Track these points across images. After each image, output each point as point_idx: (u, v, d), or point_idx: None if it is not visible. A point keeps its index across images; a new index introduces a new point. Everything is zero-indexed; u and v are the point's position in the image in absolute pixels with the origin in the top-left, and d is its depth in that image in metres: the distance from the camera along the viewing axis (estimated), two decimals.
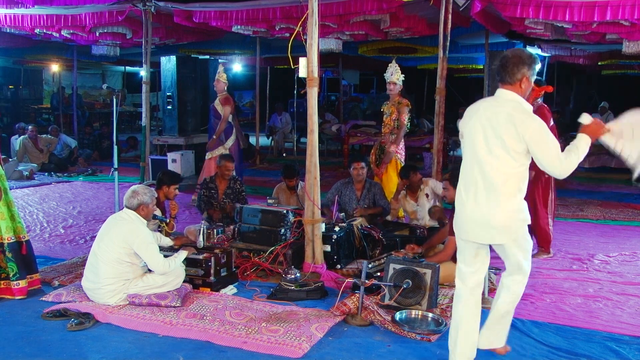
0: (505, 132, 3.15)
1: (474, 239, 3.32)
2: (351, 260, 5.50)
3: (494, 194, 3.20)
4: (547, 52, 13.03)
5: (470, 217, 3.28)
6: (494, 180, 3.19)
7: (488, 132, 3.21)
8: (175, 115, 10.69)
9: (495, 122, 3.18)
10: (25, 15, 9.41)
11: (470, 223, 3.30)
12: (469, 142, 3.32)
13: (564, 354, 3.69)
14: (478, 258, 3.40)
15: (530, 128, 3.12)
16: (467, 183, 3.31)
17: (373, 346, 3.76)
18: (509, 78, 3.24)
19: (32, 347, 3.69)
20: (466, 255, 3.42)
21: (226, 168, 6.55)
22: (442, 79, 7.29)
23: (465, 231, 3.34)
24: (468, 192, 3.30)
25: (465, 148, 3.36)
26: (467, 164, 3.33)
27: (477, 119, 3.27)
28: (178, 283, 4.47)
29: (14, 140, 12.04)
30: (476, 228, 3.28)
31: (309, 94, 5.13)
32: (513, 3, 7.09)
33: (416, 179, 6.36)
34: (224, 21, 8.92)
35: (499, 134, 3.17)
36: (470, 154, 3.30)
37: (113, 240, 4.29)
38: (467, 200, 3.30)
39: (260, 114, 13.32)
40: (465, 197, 3.31)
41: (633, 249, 6.24)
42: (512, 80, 3.23)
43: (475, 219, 3.26)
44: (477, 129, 3.25)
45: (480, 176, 3.23)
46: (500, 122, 3.17)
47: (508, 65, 3.23)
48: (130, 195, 4.47)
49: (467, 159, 3.34)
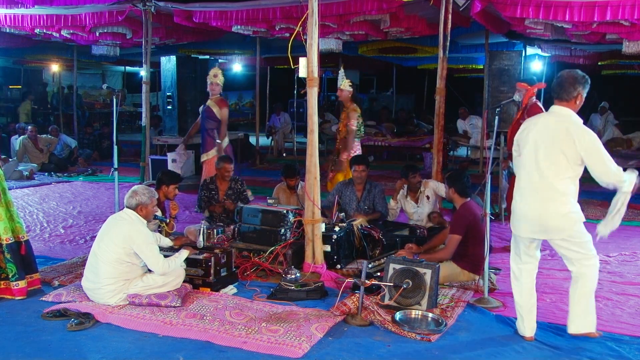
0: (564, 144, 3.62)
1: (532, 235, 3.82)
2: (351, 260, 5.50)
3: (551, 196, 3.68)
4: (547, 52, 13.04)
5: (529, 217, 3.77)
6: (552, 185, 3.67)
7: (548, 144, 3.68)
8: (175, 115, 10.69)
9: (555, 135, 3.66)
10: (25, 15, 9.42)
11: (528, 222, 3.78)
12: (530, 152, 3.77)
13: (564, 354, 3.69)
14: (531, 251, 3.92)
15: (586, 141, 3.59)
16: (528, 187, 3.79)
17: (373, 346, 3.76)
18: (566, 95, 3.72)
19: (32, 347, 3.69)
20: (521, 248, 3.93)
21: (225, 170, 6.54)
22: (442, 79, 7.29)
23: (524, 229, 3.83)
24: (528, 195, 3.78)
25: (526, 157, 3.81)
26: (527, 170, 3.80)
27: (537, 132, 3.76)
28: (178, 283, 4.47)
29: (14, 140, 12.04)
30: (534, 226, 3.77)
31: (309, 94, 5.13)
32: (513, 3, 7.09)
33: (415, 180, 6.34)
34: (224, 21, 8.93)
35: (558, 145, 3.64)
36: (531, 162, 3.76)
37: (113, 240, 4.29)
38: (527, 202, 3.78)
39: (260, 114, 13.32)
40: (525, 199, 3.80)
41: (633, 249, 6.25)
42: (569, 97, 3.72)
43: (533, 219, 3.75)
44: (537, 141, 3.73)
45: (539, 181, 3.72)
46: (560, 135, 3.64)
47: (565, 84, 3.72)
48: (130, 195, 4.48)
49: (526, 166, 3.81)
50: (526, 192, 3.81)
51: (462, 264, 4.92)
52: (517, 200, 3.89)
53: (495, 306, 4.46)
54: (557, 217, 3.69)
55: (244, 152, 13.00)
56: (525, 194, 3.82)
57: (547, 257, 5.95)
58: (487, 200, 4.57)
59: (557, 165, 3.66)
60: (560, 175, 3.66)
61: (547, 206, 3.70)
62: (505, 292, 4.85)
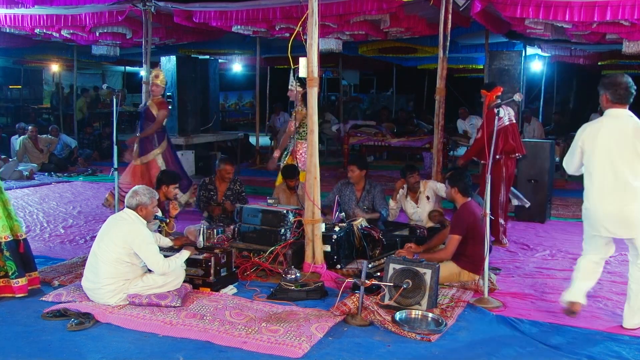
0: (635, 141, 3.90)
1: (610, 234, 4.04)
2: (351, 260, 5.50)
3: (629, 194, 3.90)
4: (547, 52, 13.04)
5: (606, 215, 3.97)
6: (628, 182, 3.90)
7: (620, 144, 3.94)
8: (175, 115, 10.69)
9: (624, 135, 3.94)
10: (25, 15, 9.41)
11: (605, 220, 3.99)
12: (602, 153, 3.99)
13: (564, 354, 3.69)
14: (606, 247, 4.18)
15: None
16: (603, 186, 3.99)
17: (373, 346, 3.76)
18: (625, 100, 4.02)
19: (32, 347, 3.69)
20: (598, 245, 4.16)
21: (226, 171, 6.53)
22: (442, 79, 7.28)
23: (601, 228, 4.03)
24: (604, 194, 3.98)
25: (596, 158, 4.01)
26: (600, 170, 3.99)
27: (604, 134, 4.00)
28: (178, 283, 4.47)
29: (14, 140, 12.04)
30: (612, 225, 3.98)
31: (309, 94, 5.14)
32: (513, 3, 7.08)
33: (413, 180, 6.35)
34: (224, 21, 8.92)
35: (629, 144, 3.91)
36: (604, 162, 3.98)
37: (113, 240, 4.29)
38: (605, 202, 3.98)
39: (260, 114, 13.32)
40: (600, 198, 4.00)
41: None
42: (627, 101, 4.03)
43: (611, 217, 3.96)
44: (608, 142, 3.97)
45: (614, 180, 3.93)
46: (629, 134, 3.92)
47: (630, 89, 4.01)
48: (130, 195, 4.48)
49: (598, 167, 4.01)
50: (604, 191, 3.99)
51: (462, 264, 4.92)
52: (591, 201, 4.06)
53: (495, 306, 4.46)
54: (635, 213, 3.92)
55: (244, 152, 13.02)
56: (603, 192, 3.99)
57: (547, 257, 5.96)
58: (487, 200, 4.58)
59: (630, 163, 3.92)
60: (634, 172, 3.91)
61: (625, 203, 3.92)
62: (505, 292, 4.86)
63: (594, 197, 4.04)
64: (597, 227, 4.06)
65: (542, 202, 7.48)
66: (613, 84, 4.03)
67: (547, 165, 7.43)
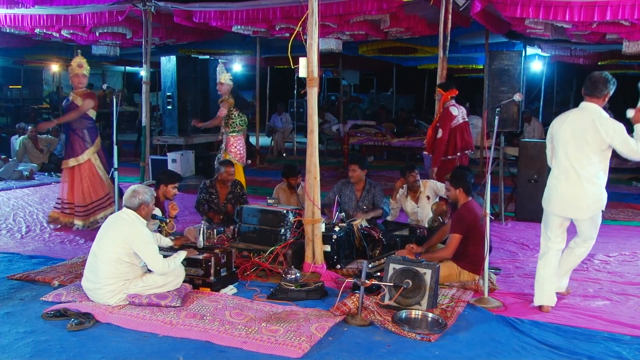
0: (591, 133, 4.21)
1: (563, 213, 4.42)
2: (351, 260, 5.50)
3: (580, 180, 4.27)
4: (547, 52, 13.03)
5: (562, 197, 4.37)
6: (581, 170, 4.27)
7: (577, 134, 4.27)
8: (175, 115, 10.68)
9: (583, 127, 4.26)
10: (25, 15, 9.41)
11: (561, 201, 4.39)
12: (562, 142, 4.37)
13: (564, 354, 3.69)
14: (561, 229, 4.51)
15: (611, 128, 4.17)
16: (561, 172, 4.38)
17: (373, 346, 3.75)
18: (598, 93, 4.31)
19: (32, 347, 3.69)
20: (554, 226, 4.49)
21: (228, 173, 6.50)
22: (442, 79, 7.29)
23: (557, 207, 4.42)
24: (561, 178, 4.38)
25: (559, 146, 4.40)
26: (561, 157, 4.38)
27: (567, 125, 4.36)
28: (178, 283, 4.47)
29: (14, 140, 12.04)
30: (565, 205, 4.38)
31: (309, 94, 5.13)
32: (513, 3, 7.09)
33: (412, 178, 6.35)
34: (224, 21, 8.92)
35: (585, 135, 4.23)
36: (563, 150, 4.35)
37: (113, 240, 4.29)
38: (560, 184, 4.38)
39: (260, 114, 13.32)
40: (558, 181, 4.40)
41: (633, 249, 6.24)
42: (600, 95, 4.31)
43: (565, 199, 4.36)
44: (567, 132, 4.33)
45: (570, 167, 4.31)
46: (587, 126, 4.24)
47: (598, 84, 4.30)
48: (130, 195, 4.46)
49: (560, 154, 4.39)
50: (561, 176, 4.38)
51: (462, 264, 4.92)
52: (552, 183, 4.47)
53: (495, 306, 4.46)
54: (585, 198, 4.30)
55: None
56: (560, 177, 4.39)
57: None
58: (487, 200, 4.58)
59: (583, 153, 4.26)
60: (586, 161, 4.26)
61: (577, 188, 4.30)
62: (505, 292, 4.86)
63: (553, 179, 4.47)
64: (553, 206, 4.46)
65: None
66: (586, 79, 4.42)
67: (547, 165, 7.40)
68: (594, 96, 4.32)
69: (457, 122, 6.87)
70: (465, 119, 7.02)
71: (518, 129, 7.57)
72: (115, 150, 6.42)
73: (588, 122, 4.24)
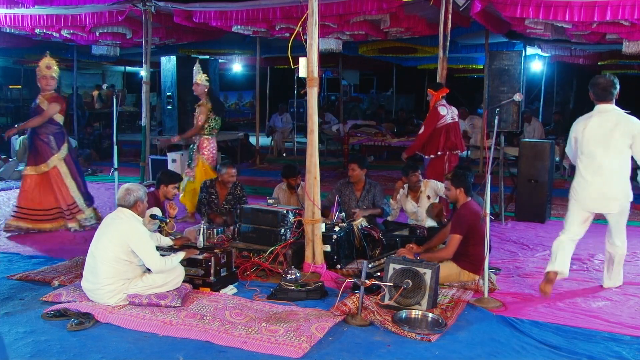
0: (620, 131, 4.55)
1: (594, 209, 4.73)
2: (351, 260, 5.50)
3: (610, 175, 4.60)
4: (547, 52, 13.04)
5: (592, 193, 4.67)
6: (611, 166, 4.59)
7: (605, 133, 4.60)
8: (175, 115, 10.69)
9: (607, 126, 4.60)
10: (25, 15, 9.42)
11: (591, 198, 4.68)
12: (591, 141, 4.65)
13: (564, 354, 3.69)
14: (585, 224, 4.83)
15: (635, 127, 4.56)
16: (591, 169, 4.67)
17: (373, 346, 3.76)
18: (610, 97, 4.69)
19: (32, 347, 3.69)
20: (578, 221, 4.82)
21: (229, 175, 6.48)
22: (442, 79, 7.29)
23: (587, 204, 4.72)
24: (590, 175, 4.66)
25: (584, 146, 4.70)
26: (590, 155, 4.66)
27: (591, 126, 4.67)
28: (178, 282, 4.47)
29: (14, 140, 12.02)
30: (596, 201, 4.68)
31: (309, 94, 5.13)
32: (513, 3, 7.09)
33: (415, 178, 6.35)
34: (224, 21, 8.93)
35: (613, 133, 4.57)
36: (592, 148, 4.64)
37: (110, 239, 4.29)
38: (589, 180, 4.67)
39: (260, 114, 13.32)
40: (588, 178, 4.68)
41: (633, 249, 6.24)
42: (612, 97, 4.69)
43: (595, 195, 4.66)
44: (595, 131, 4.64)
45: (600, 164, 4.61)
46: (610, 126, 4.60)
47: (609, 88, 4.67)
48: (124, 193, 4.47)
49: (588, 152, 4.67)
50: (591, 173, 4.66)
51: (462, 264, 4.92)
52: (580, 181, 4.74)
53: (495, 306, 4.46)
54: (615, 192, 4.64)
55: (244, 152, 13.02)
56: (590, 174, 4.67)
57: (547, 257, 5.94)
58: (487, 200, 4.58)
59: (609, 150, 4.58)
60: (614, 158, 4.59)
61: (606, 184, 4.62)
62: (505, 292, 4.86)
63: (581, 177, 4.74)
64: (582, 202, 4.74)
65: (542, 202, 7.48)
66: (593, 84, 4.75)
67: (547, 165, 7.42)
68: (608, 100, 4.68)
69: (444, 122, 6.90)
70: (455, 119, 7.03)
71: (518, 129, 7.57)
72: (115, 150, 6.43)
73: (614, 121, 4.60)
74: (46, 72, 6.54)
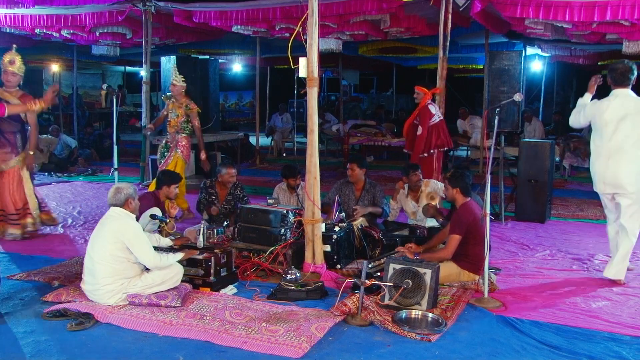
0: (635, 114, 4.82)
1: (605, 191, 5.00)
2: (351, 260, 5.50)
3: (624, 157, 4.83)
4: (547, 52, 13.05)
5: (603, 175, 4.95)
6: (629, 148, 4.84)
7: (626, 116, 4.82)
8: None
9: (625, 111, 4.84)
10: (25, 15, 9.43)
11: (602, 180, 4.98)
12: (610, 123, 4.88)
13: (564, 354, 3.69)
14: (613, 203, 5.08)
15: None
16: (605, 151, 4.91)
17: (373, 346, 3.76)
18: (627, 81, 4.91)
19: (32, 347, 3.69)
20: (607, 204, 5.16)
21: (230, 175, 6.48)
22: (442, 79, 7.30)
23: (599, 186, 5.04)
24: (603, 156, 4.92)
25: (602, 129, 4.95)
26: (605, 139, 4.91)
27: (610, 111, 4.89)
28: (177, 280, 4.47)
29: None
30: (606, 183, 4.97)
31: (309, 94, 5.13)
32: (513, 3, 7.10)
33: (415, 178, 6.35)
34: (224, 21, 8.94)
35: (635, 118, 4.81)
36: (607, 133, 4.89)
37: (105, 239, 4.29)
38: (601, 162, 4.94)
39: (260, 114, 13.32)
40: (600, 160, 4.96)
41: (633, 249, 6.23)
42: (629, 82, 4.91)
43: (605, 176, 4.94)
44: (612, 117, 4.86)
45: (618, 146, 4.85)
46: (630, 109, 4.85)
47: (627, 73, 4.89)
48: (115, 192, 4.49)
49: (603, 136, 4.94)
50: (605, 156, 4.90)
51: (462, 264, 4.92)
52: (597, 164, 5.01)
53: (495, 306, 4.46)
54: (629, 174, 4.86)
55: (244, 152, 13.02)
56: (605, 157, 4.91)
57: (547, 257, 5.96)
58: (487, 200, 4.58)
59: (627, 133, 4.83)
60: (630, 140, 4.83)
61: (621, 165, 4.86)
62: (505, 292, 4.85)
63: (595, 160, 5.00)
64: (597, 184, 5.05)
65: (542, 202, 7.47)
66: (611, 69, 4.98)
67: (547, 165, 7.42)
68: (624, 85, 4.90)
69: (434, 121, 7.03)
70: (441, 118, 7.21)
71: (518, 129, 7.57)
72: (115, 150, 6.43)
73: (630, 108, 4.84)
74: (8, 67, 6.16)
